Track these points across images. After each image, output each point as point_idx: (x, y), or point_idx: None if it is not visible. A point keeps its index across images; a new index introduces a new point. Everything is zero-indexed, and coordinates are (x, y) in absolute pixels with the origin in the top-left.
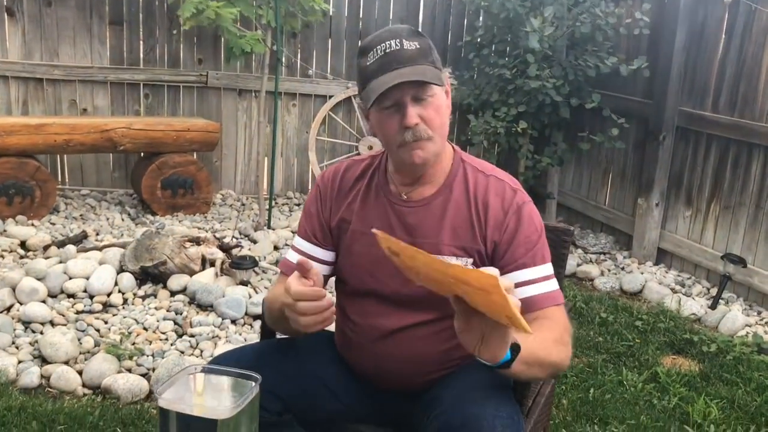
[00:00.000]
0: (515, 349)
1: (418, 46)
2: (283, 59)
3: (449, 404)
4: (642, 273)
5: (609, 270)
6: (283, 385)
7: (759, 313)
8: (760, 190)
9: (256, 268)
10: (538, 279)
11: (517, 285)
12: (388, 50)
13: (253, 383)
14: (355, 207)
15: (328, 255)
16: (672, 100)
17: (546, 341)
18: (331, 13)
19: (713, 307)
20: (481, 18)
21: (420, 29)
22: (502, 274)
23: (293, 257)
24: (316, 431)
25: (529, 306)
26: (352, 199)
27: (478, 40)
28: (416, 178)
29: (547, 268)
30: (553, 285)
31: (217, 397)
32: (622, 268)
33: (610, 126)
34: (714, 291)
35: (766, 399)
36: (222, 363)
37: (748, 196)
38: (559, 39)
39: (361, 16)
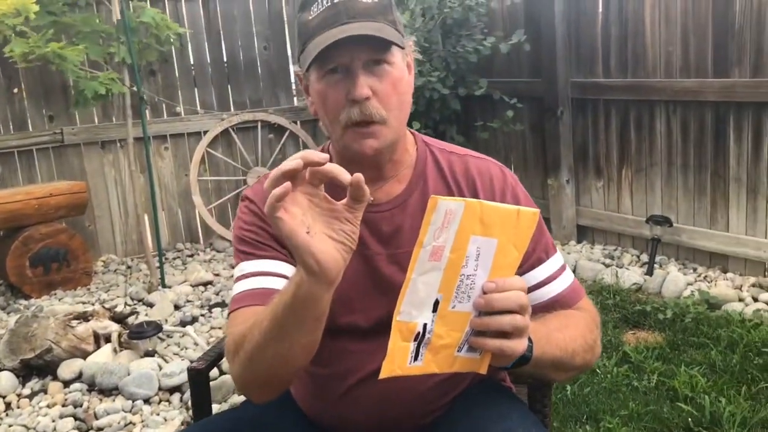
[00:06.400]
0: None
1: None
2: (146, 99)
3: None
4: (569, 253)
5: None
6: None
7: (695, 269)
8: (669, 146)
9: (161, 334)
10: (558, 272)
11: (539, 285)
12: (336, 0)
13: None
14: None
15: (291, 270)
16: (562, 73)
17: (573, 341)
18: (189, 40)
19: (650, 273)
20: None
21: (288, 46)
22: (519, 274)
23: (250, 284)
24: None
25: (559, 306)
26: None
27: None
28: (378, 174)
29: (560, 257)
30: (571, 275)
31: None
32: None
33: (502, 111)
34: (644, 257)
35: (743, 354)
36: None
37: (658, 155)
38: (432, 30)
39: (222, 40)
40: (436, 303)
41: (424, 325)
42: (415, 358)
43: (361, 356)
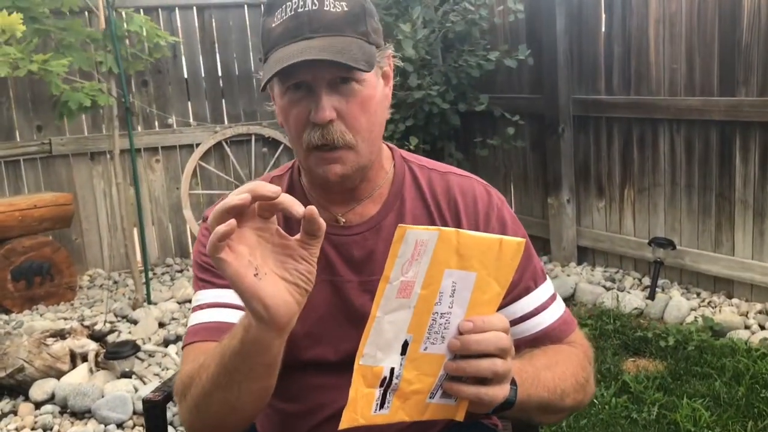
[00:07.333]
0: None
1: (345, 9)
2: (138, 110)
3: None
4: (569, 275)
5: None
6: None
7: (698, 294)
8: (673, 165)
9: (140, 353)
10: (548, 302)
11: (527, 317)
12: (300, 9)
13: None
14: None
15: None
16: (564, 90)
17: (563, 381)
18: (182, 51)
19: (651, 297)
20: None
21: None
22: (505, 305)
23: (205, 317)
24: None
25: (548, 340)
26: None
27: None
28: (350, 195)
29: (551, 286)
30: (562, 304)
31: None
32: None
33: (503, 127)
34: (646, 280)
35: (749, 386)
36: None
37: (662, 175)
38: (433, 42)
39: (217, 51)
40: (405, 344)
41: (392, 369)
42: (381, 406)
43: (330, 392)
